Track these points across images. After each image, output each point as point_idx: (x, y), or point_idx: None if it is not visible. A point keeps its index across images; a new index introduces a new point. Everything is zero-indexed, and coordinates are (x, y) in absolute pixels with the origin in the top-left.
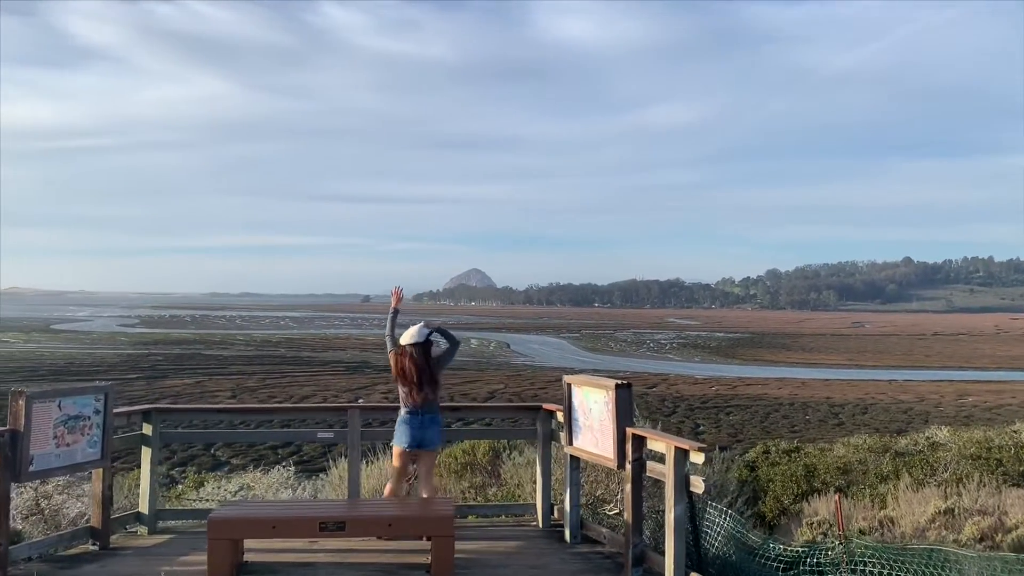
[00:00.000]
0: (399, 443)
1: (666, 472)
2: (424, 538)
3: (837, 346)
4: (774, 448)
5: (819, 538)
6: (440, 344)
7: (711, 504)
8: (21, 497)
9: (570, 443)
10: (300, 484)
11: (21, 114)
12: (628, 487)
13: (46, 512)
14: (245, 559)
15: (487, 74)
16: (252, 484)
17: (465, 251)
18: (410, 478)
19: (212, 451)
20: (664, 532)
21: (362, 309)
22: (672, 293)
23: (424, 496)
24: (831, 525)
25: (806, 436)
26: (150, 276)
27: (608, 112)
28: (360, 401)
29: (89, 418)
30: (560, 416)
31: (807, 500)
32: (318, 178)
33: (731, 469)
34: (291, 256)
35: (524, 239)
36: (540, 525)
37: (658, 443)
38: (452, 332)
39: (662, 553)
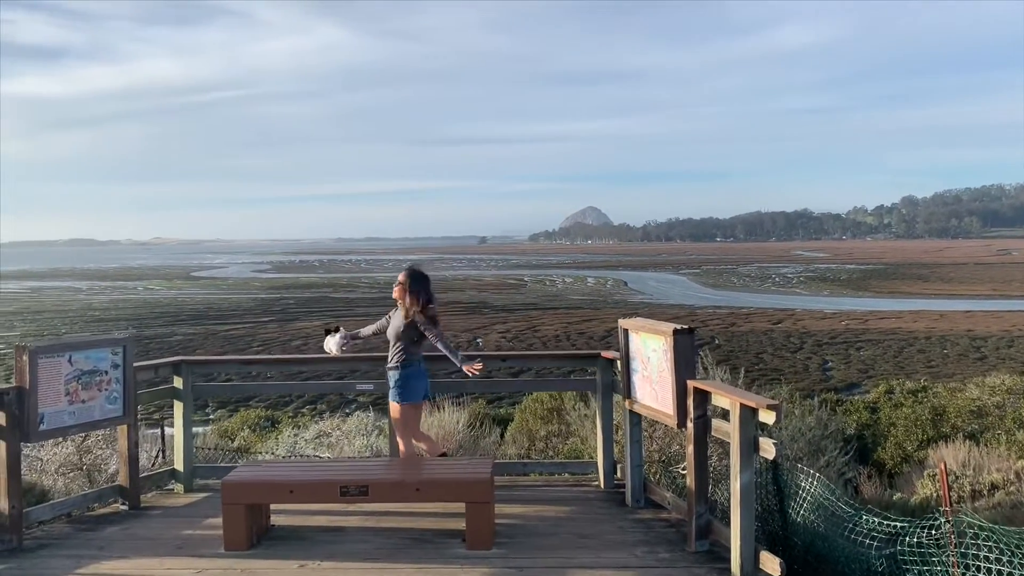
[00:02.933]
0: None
1: (731, 433)
2: None
3: (980, 276)
4: (899, 388)
5: (937, 496)
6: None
7: (800, 465)
8: (62, 451)
9: (628, 397)
10: (375, 430)
11: (153, 71)
12: (690, 448)
13: (86, 467)
14: (272, 523)
15: (603, 4)
16: (329, 431)
17: (581, 189)
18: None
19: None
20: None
21: (479, 251)
22: (799, 225)
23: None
24: (957, 477)
25: (944, 372)
26: (280, 224)
27: (729, 37)
28: (478, 342)
29: (106, 372)
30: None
31: (933, 446)
32: (436, 122)
33: (849, 412)
34: (411, 200)
35: (641, 174)
36: (601, 486)
37: (723, 398)
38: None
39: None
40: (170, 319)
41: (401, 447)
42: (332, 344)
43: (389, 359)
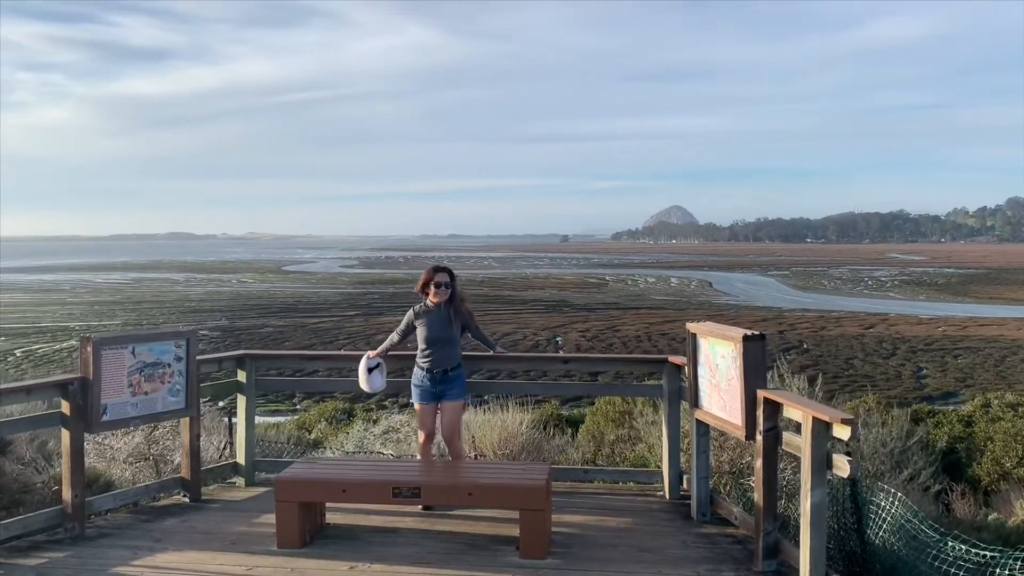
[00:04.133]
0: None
1: (803, 447)
2: None
3: None
4: (996, 401)
5: None
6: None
7: (879, 482)
8: (132, 441)
9: (695, 405)
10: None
11: (249, 72)
12: (759, 462)
13: (153, 457)
14: (328, 521)
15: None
16: (398, 427)
17: (665, 187)
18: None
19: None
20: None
21: (560, 249)
22: (895, 226)
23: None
24: None
25: None
26: (367, 220)
27: (823, 31)
28: (558, 341)
29: (169, 365)
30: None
31: None
32: (520, 120)
33: (941, 424)
34: (494, 198)
35: (729, 172)
36: (667, 496)
37: (794, 410)
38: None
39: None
40: (262, 311)
41: (454, 449)
42: (377, 382)
43: (445, 358)
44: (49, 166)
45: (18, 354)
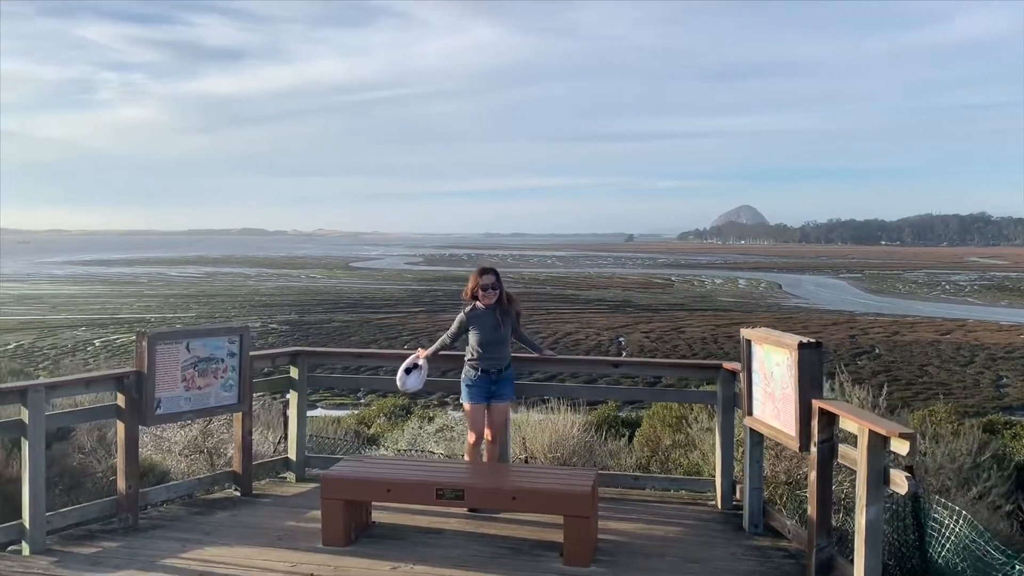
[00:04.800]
0: None
1: (858, 461)
2: None
3: None
4: None
5: None
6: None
7: (941, 497)
8: (188, 433)
9: (749, 413)
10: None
11: (321, 71)
12: (813, 474)
13: (207, 450)
14: (374, 520)
15: None
16: (452, 425)
17: (735, 187)
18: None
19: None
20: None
21: (625, 248)
22: (975, 229)
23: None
24: None
25: None
26: (432, 218)
27: (900, 27)
28: (620, 341)
29: (222, 361)
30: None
31: None
32: (586, 118)
33: (1019, 436)
34: (558, 196)
35: (800, 172)
36: (719, 506)
37: (851, 422)
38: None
39: None
40: (329, 306)
41: (500, 450)
42: (412, 383)
43: (498, 358)
44: (129, 163)
45: (97, 344)
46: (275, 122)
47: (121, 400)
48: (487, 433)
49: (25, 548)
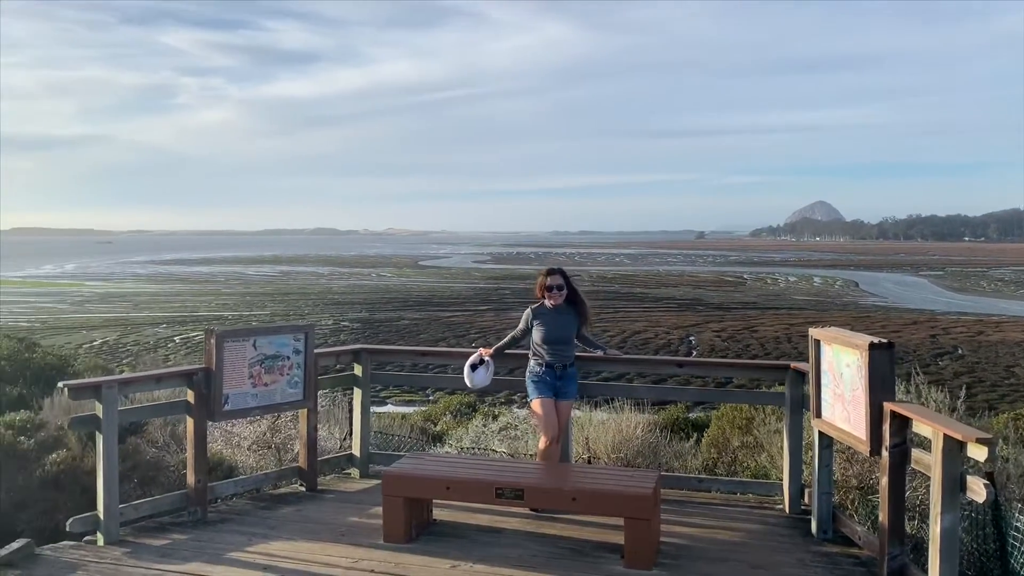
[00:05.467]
0: None
1: (933, 467)
2: None
3: None
4: None
5: None
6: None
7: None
8: (257, 429)
9: (817, 415)
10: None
11: (391, 73)
12: (884, 480)
13: (275, 445)
14: (435, 517)
15: None
16: (516, 424)
17: (809, 182)
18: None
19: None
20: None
21: (696, 246)
22: None
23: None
24: None
25: None
26: (500, 216)
27: (984, 16)
28: (691, 340)
29: (288, 358)
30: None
31: None
32: (655, 114)
33: None
34: (627, 194)
35: (879, 167)
36: (786, 511)
37: (924, 426)
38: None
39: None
40: (399, 304)
41: (557, 450)
42: (480, 379)
43: (562, 355)
44: (207, 166)
45: (177, 340)
46: (346, 124)
47: (190, 396)
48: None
49: (100, 538)
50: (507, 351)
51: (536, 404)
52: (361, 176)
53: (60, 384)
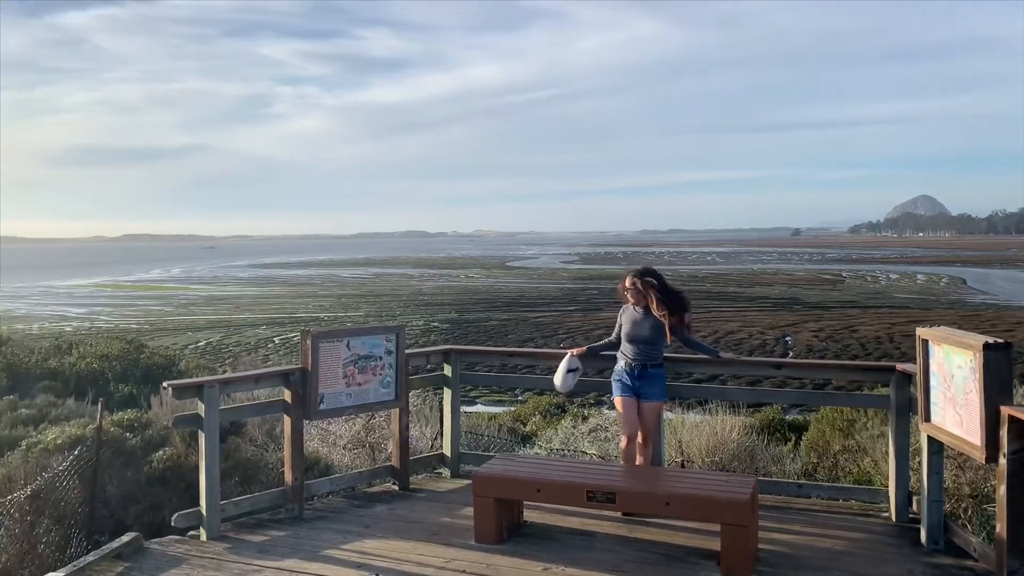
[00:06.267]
0: None
1: None
2: None
3: None
4: None
5: None
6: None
7: None
8: (352, 428)
9: (926, 419)
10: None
11: (479, 76)
12: (1002, 489)
13: (369, 444)
14: (525, 519)
15: None
16: (607, 425)
17: (911, 176)
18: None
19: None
20: None
21: (791, 243)
22: None
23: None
24: None
25: None
26: (587, 216)
27: None
28: (787, 340)
29: (380, 358)
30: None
31: None
32: (746, 109)
33: None
34: (718, 191)
35: (987, 158)
36: (892, 519)
37: None
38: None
39: None
40: (487, 305)
41: (650, 452)
42: (571, 384)
43: (643, 355)
44: (302, 172)
45: (276, 341)
46: (435, 128)
47: (287, 396)
48: (639, 435)
49: (203, 533)
50: (602, 352)
51: (616, 402)
52: (450, 179)
53: (164, 384)
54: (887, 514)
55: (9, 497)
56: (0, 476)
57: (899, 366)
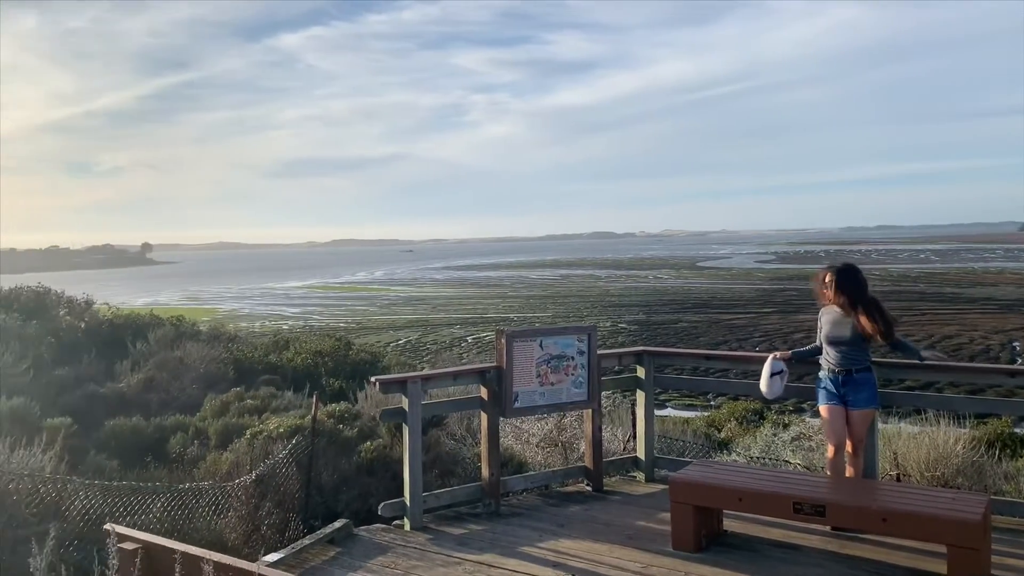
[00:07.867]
0: None
1: None
2: None
3: None
4: None
5: None
6: None
7: None
8: (544, 427)
9: None
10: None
11: (667, 73)
12: None
13: (561, 444)
14: (725, 528)
15: None
16: (810, 434)
17: None
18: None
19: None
20: None
21: (1019, 239)
22: None
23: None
24: None
25: None
26: (785, 213)
27: None
28: (1015, 346)
29: (573, 358)
30: None
31: None
32: (960, 94)
33: None
34: (933, 184)
35: None
36: None
37: None
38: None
39: None
40: (676, 307)
41: (860, 464)
42: (778, 389)
43: (846, 358)
44: (493, 176)
45: (469, 340)
46: (621, 127)
47: (484, 393)
48: (848, 445)
49: (406, 523)
50: (809, 359)
51: (821, 410)
52: (636, 178)
53: (371, 379)
54: None
55: (237, 481)
56: (229, 461)
57: None
